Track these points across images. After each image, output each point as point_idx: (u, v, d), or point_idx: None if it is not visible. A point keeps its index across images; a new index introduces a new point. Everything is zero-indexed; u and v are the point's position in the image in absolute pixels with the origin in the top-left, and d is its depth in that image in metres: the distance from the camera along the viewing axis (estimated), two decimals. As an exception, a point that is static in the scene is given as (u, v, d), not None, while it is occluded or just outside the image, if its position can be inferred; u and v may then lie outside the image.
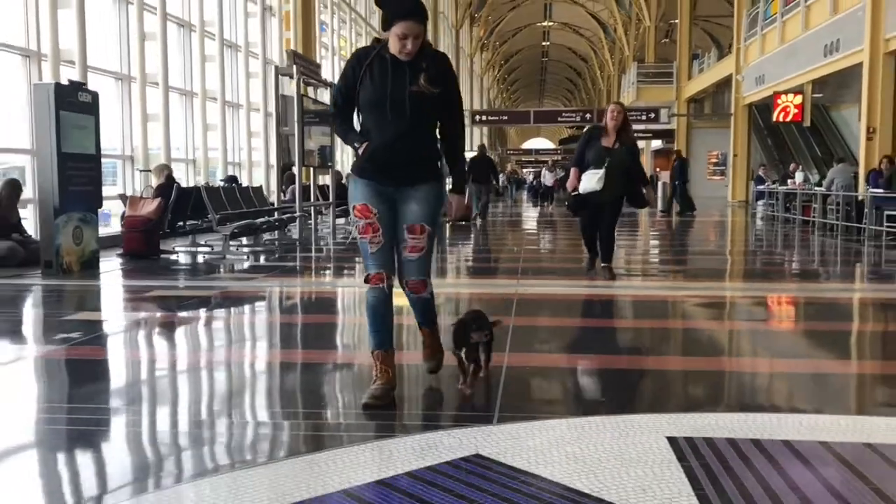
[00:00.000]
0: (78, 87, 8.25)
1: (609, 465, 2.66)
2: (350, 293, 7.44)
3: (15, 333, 5.58)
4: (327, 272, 9.48)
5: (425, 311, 3.73)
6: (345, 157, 21.08)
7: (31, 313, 6.47)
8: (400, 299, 3.61)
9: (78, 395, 3.88)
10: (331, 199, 14.52)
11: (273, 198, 14.39)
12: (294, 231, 13.10)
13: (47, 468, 2.93)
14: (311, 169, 13.64)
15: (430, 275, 3.63)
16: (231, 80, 16.59)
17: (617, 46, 49.37)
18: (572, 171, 7.48)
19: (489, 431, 3.04)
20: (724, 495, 2.43)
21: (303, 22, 19.06)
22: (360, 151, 3.46)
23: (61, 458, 3.02)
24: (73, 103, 8.06)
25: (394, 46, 3.39)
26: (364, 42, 26.78)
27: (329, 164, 14.63)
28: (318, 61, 17.88)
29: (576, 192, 7.35)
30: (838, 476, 2.62)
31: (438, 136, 3.60)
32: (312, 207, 13.47)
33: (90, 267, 8.35)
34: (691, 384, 4.09)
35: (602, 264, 7.47)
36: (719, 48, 36.43)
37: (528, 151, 65.98)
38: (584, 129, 8.29)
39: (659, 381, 4.16)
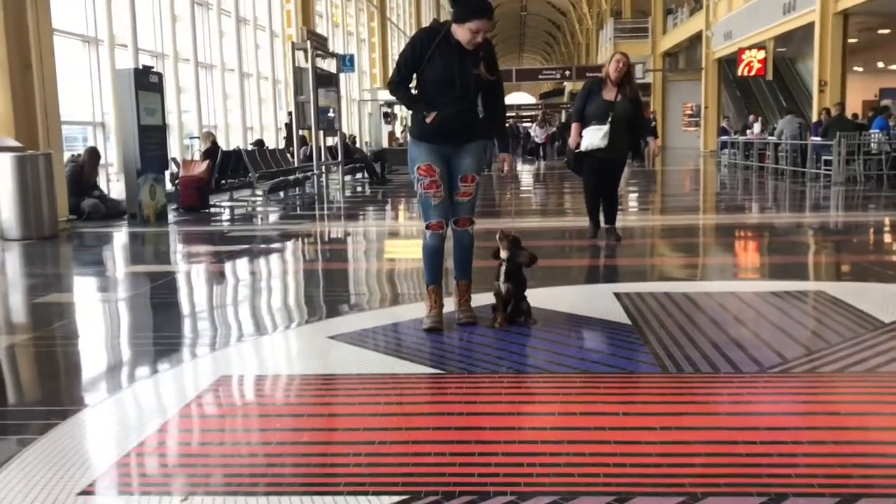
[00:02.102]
0: (148, 70, 10.07)
1: (583, 304, 4.63)
2: (371, 230, 9.40)
3: (145, 260, 7.49)
4: (349, 216, 11.42)
5: (467, 253, 4.32)
6: (350, 122, 22.72)
7: (145, 250, 8.36)
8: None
9: (217, 294, 5.83)
10: (339, 159, 16.40)
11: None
12: (308, 188, 14.96)
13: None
14: (321, 131, 15.45)
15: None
16: (245, 52, 18.24)
17: (595, 0, 50.69)
18: (573, 126, 7.08)
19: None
20: (638, 312, 4.42)
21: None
22: (429, 120, 4.08)
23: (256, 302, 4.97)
24: (145, 84, 9.88)
25: (464, 37, 3.98)
26: (354, 10, 28.33)
27: (336, 127, 16.43)
28: (314, 29, 19.50)
29: (577, 150, 6.98)
30: (714, 307, 4.60)
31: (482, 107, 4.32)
32: (324, 166, 15.32)
33: (162, 217, 10.24)
34: (629, 271, 6.08)
35: (606, 225, 7.21)
36: (695, 2, 38.08)
37: (510, 107, 67.00)
38: (584, 83, 7.63)
39: (604, 269, 6.16)
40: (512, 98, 73.41)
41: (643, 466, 2.40)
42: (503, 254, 4.19)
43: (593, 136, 6.78)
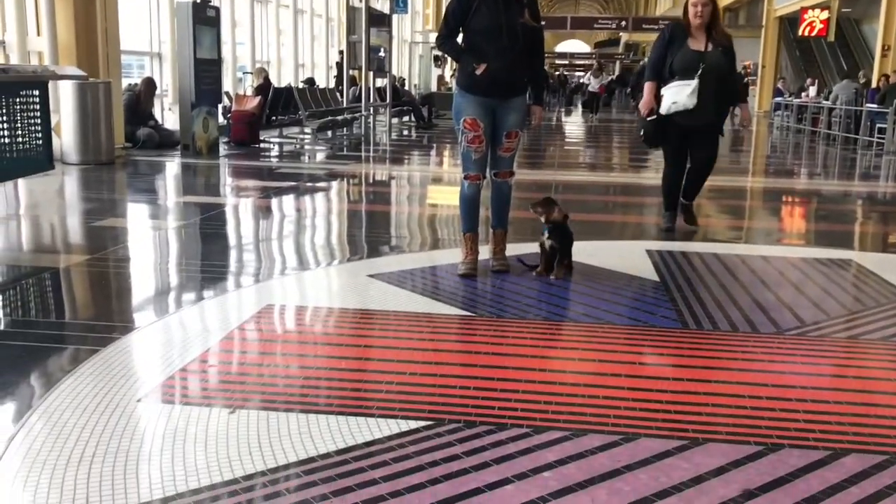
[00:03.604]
0: (206, 4, 10.23)
1: (615, 260, 4.78)
2: (415, 174, 9.57)
3: (196, 191, 7.78)
4: (394, 160, 11.59)
5: (505, 203, 4.46)
6: (401, 64, 22.71)
7: (196, 181, 8.65)
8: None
9: (263, 228, 6.08)
10: (388, 101, 16.50)
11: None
12: (356, 128, 15.12)
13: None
14: (371, 73, 15.54)
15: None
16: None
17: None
18: (647, 85, 5.59)
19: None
20: (668, 270, 4.55)
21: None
22: (479, 71, 4.14)
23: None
24: (202, 17, 10.06)
25: None
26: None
27: (386, 69, 16.49)
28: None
29: (652, 116, 5.52)
30: (742, 270, 4.71)
31: None
32: (372, 108, 15.45)
33: (214, 150, 10.52)
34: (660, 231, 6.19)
35: (683, 201, 5.87)
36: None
37: (563, 55, 66.04)
38: (662, 29, 5.90)
39: (641, 227, 6.28)
40: (565, 46, 71.91)
41: (651, 411, 2.58)
42: (542, 217, 4.32)
43: (678, 95, 5.36)
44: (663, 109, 5.42)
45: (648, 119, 5.52)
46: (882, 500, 2.07)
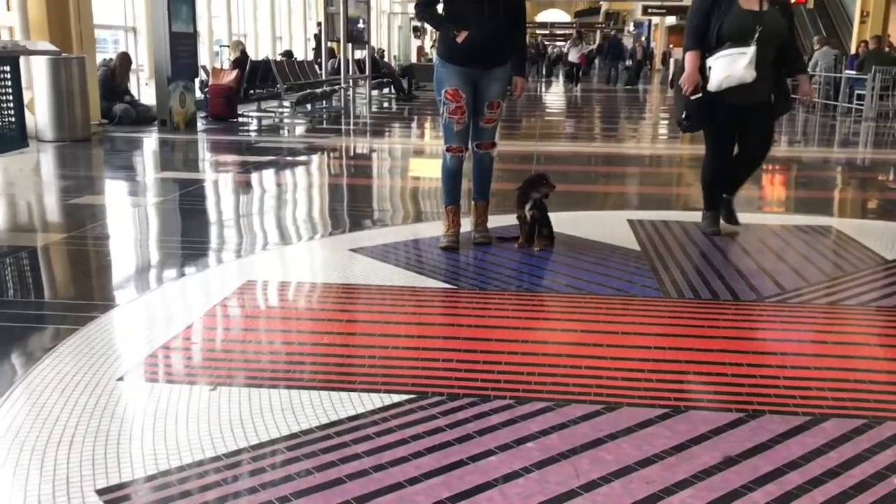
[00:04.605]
0: (180, -24, 10.05)
1: (596, 229, 4.78)
2: (396, 147, 9.51)
3: (174, 167, 7.70)
4: (375, 132, 11.52)
5: (487, 175, 4.44)
6: (380, 35, 22.50)
7: (174, 157, 8.56)
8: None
9: (244, 203, 6.03)
10: (367, 73, 16.34)
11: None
12: (335, 101, 14.98)
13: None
14: (350, 44, 15.36)
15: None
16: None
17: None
18: (689, 56, 4.45)
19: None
20: (649, 239, 4.56)
21: None
22: (460, 39, 4.06)
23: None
24: (177, -10, 9.89)
25: None
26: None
27: (365, 40, 16.31)
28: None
29: (697, 94, 4.42)
30: (722, 238, 4.72)
31: None
32: (351, 80, 15.30)
33: (191, 125, 10.39)
34: (644, 198, 6.19)
35: (724, 195, 4.81)
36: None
37: (543, 24, 65.58)
38: None
39: (622, 197, 6.28)
40: (545, 15, 71.56)
41: (633, 381, 2.59)
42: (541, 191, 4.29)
43: (730, 66, 4.28)
44: (713, 85, 4.34)
45: (692, 98, 4.42)
46: (860, 463, 2.09)
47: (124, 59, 10.76)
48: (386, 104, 17.01)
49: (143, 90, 12.12)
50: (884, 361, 2.88)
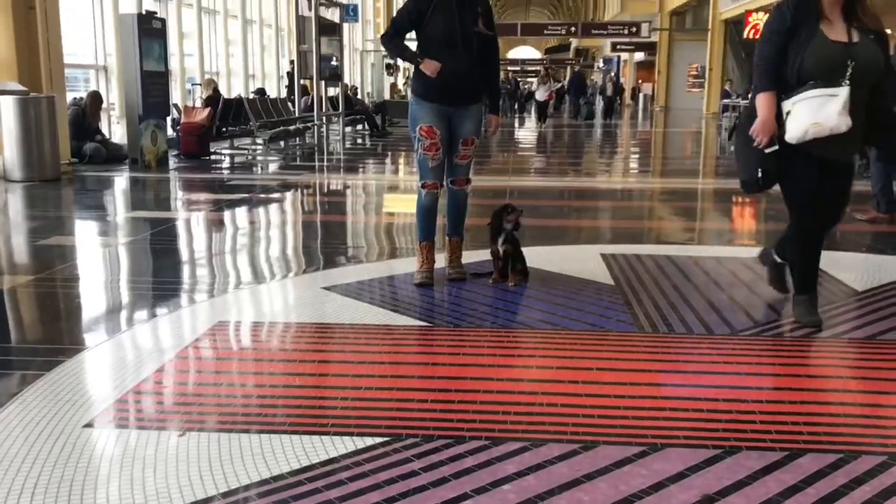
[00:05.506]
0: (151, 15, 10.08)
1: (570, 264, 4.79)
2: (371, 183, 9.52)
3: (146, 206, 7.64)
4: (349, 168, 11.52)
5: (462, 211, 4.44)
6: (353, 72, 22.63)
7: (146, 196, 8.49)
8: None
9: (216, 242, 5.98)
10: (340, 109, 16.40)
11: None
12: (308, 138, 15.00)
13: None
14: (323, 81, 15.43)
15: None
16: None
17: (604, -44, 50.00)
18: (762, 99, 3.47)
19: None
20: (622, 273, 4.57)
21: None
22: (430, 71, 4.07)
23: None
24: (148, 30, 9.90)
25: None
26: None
27: (340, 75, 16.39)
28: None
29: (773, 146, 3.45)
30: (696, 272, 4.75)
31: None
32: (325, 117, 15.35)
33: (163, 163, 10.35)
34: (616, 232, 6.23)
35: (778, 260, 4.13)
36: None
37: (514, 61, 66.43)
38: (778, 4, 3.63)
39: (595, 231, 6.31)
40: (517, 52, 72.45)
41: (610, 418, 2.58)
42: (511, 218, 4.31)
43: (819, 111, 3.33)
44: (795, 135, 3.39)
45: (767, 151, 3.47)
46: (838, 499, 2.08)
47: (95, 98, 10.72)
48: (360, 140, 17.07)
49: (115, 128, 12.07)
50: (858, 394, 2.89)
